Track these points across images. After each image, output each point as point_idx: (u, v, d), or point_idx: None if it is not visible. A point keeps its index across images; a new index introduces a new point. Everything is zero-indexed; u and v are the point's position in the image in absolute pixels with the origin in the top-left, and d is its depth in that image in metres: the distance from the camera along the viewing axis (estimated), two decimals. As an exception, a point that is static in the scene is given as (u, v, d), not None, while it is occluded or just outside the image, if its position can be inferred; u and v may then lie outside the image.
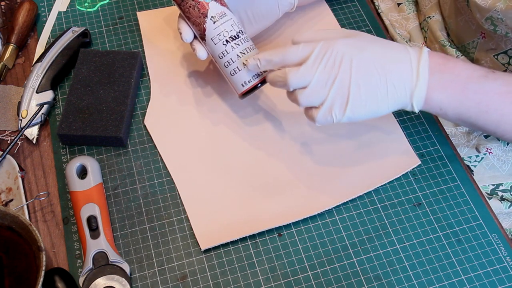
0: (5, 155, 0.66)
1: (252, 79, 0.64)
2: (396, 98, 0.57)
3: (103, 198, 0.64)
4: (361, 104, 0.57)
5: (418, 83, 0.57)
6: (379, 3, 0.87)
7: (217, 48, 0.64)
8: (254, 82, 0.64)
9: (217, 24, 0.63)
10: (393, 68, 0.57)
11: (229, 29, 0.64)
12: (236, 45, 0.63)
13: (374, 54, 0.57)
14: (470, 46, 0.75)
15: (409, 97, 0.58)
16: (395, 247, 0.62)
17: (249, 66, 0.62)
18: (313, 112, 0.59)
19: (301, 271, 0.61)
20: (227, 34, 0.63)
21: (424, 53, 0.58)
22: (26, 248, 0.58)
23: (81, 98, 0.70)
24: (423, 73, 0.57)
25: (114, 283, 0.58)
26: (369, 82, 0.57)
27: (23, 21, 0.78)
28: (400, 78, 0.57)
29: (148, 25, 0.80)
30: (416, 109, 0.58)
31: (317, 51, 0.57)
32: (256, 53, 0.64)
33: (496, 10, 0.65)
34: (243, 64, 0.63)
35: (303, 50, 0.58)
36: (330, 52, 0.56)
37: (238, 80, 0.64)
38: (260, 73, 0.64)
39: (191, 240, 0.63)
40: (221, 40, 0.64)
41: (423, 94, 0.57)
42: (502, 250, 0.62)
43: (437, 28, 0.79)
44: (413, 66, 0.57)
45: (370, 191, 0.66)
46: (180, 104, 0.73)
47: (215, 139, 0.70)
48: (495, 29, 0.68)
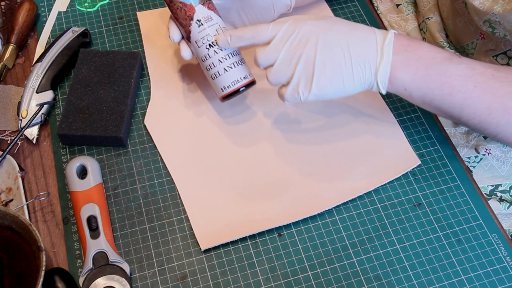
0: (5, 155, 0.66)
1: (231, 85, 0.65)
2: (362, 76, 0.59)
3: (103, 198, 0.64)
4: (326, 81, 0.59)
5: (382, 61, 0.58)
6: (378, 4, 0.87)
7: (201, 51, 0.65)
8: (233, 87, 0.65)
9: (202, 28, 0.64)
10: (358, 46, 0.58)
11: (213, 33, 0.64)
12: (218, 50, 0.64)
13: (339, 33, 0.59)
14: (469, 47, 0.75)
15: (373, 75, 0.59)
16: (395, 247, 0.62)
17: (219, 42, 0.63)
18: (282, 90, 0.61)
19: (301, 271, 0.61)
20: (210, 39, 0.64)
21: (390, 34, 0.59)
22: (26, 248, 0.58)
23: (81, 98, 0.70)
24: (387, 51, 0.58)
25: (114, 283, 0.58)
26: (334, 60, 0.58)
27: (23, 21, 0.78)
28: (364, 57, 0.58)
29: (148, 25, 0.80)
30: (381, 88, 0.59)
31: (284, 29, 0.59)
32: (239, 58, 0.65)
33: (493, 13, 0.65)
34: (224, 70, 0.64)
35: (272, 29, 0.60)
36: (298, 32, 0.59)
37: (218, 84, 0.66)
38: (240, 79, 0.65)
39: (191, 240, 0.63)
40: (204, 44, 0.65)
41: (387, 72, 0.58)
42: (502, 250, 0.62)
43: (436, 29, 0.79)
44: (378, 45, 0.58)
45: (370, 191, 0.66)
46: (180, 104, 0.73)
47: (215, 139, 0.70)
48: (493, 31, 0.68)
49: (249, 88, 0.66)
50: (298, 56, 0.58)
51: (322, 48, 0.58)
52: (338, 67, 0.58)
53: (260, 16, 0.71)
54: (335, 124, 0.71)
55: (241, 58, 0.66)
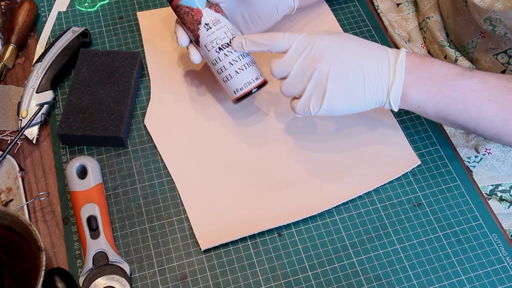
0: (5, 155, 0.66)
1: (244, 87, 0.65)
2: (373, 95, 0.59)
3: (103, 198, 0.64)
4: (338, 98, 0.59)
5: (394, 81, 0.58)
6: (379, 3, 0.87)
7: (210, 55, 0.65)
8: (246, 89, 0.65)
9: (210, 32, 0.64)
10: (371, 65, 0.59)
11: (222, 36, 0.64)
12: (228, 52, 0.64)
13: (353, 51, 0.59)
14: (469, 46, 0.75)
15: (385, 94, 0.59)
16: (395, 247, 0.62)
17: (234, 44, 0.63)
18: (294, 102, 0.62)
19: (301, 271, 0.61)
20: (220, 42, 0.64)
21: (402, 53, 0.59)
22: (26, 248, 0.58)
23: (81, 98, 0.70)
24: (399, 70, 0.58)
25: (114, 283, 0.58)
26: (347, 77, 0.58)
27: (23, 21, 0.78)
28: (377, 75, 0.58)
29: (148, 25, 0.80)
30: (393, 106, 0.60)
31: (298, 41, 0.59)
32: (250, 59, 0.65)
33: (494, 11, 0.65)
34: (236, 72, 0.64)
35: (288, 39, 0.60)
36: (312, 46, 0.59)
37: (231, 87, 0.65)
38: (252, 80, 0.65)
39: (191, 240, 0.63)
40: (214, 48, 0.64)
41: (399, 91, 0.59)
42: (502, 250, 0.62)
43: (436, 29, 0.79)
44: (390, 64, 0.59)
45: (370, 191, 0.66)
46: (180, 104, 0.73)
47: (215, 139, 0.70)
48: (494, 30, 0.68)
49: (261, 88, 0.66)
50: (312, 71, 0.59)
51: (335, 65, 0.58)
52: (350, 85, 0.59)
53: (264, 18, 0.71)
54: (335, 125, 0.71)
55: (252, 59, 0.66)
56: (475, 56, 0.74)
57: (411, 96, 0.59)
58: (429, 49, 0.82)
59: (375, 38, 0.80)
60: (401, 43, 0.82)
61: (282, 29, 0.80)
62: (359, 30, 0.81)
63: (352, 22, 0.82)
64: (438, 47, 0.79)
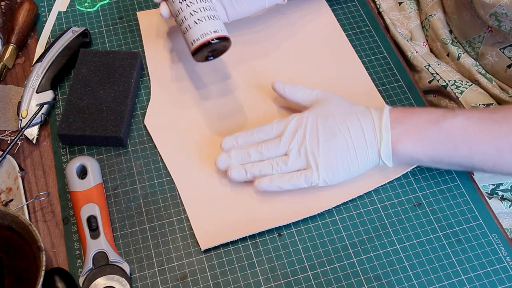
0: (5, 155, 0.66)
1: (200, 37, 0.65)
2: (366, 160, 0.62)
3: (103, 198, 0.64)
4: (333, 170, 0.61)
5: (382, 141, 0.61)
6: (380, 2, 0.87)
7: (174, 6, 0.67)
8: (202, 39, 0.64)
9: None
10: (358, 132, 0.61)
11: None
12: (190, 3, 0.65)
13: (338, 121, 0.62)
14: (476, 40, 0.74)
15: (376, 155, 0.61)
16: (395, 247, 0.62)
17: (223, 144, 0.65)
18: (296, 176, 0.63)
19: (301, 271, 0.61)
20: None
21: (385, 113, 0.61)
22: (26, 248, 0.58)
23: (81, 98, 0.70)
24: (385, 131, 0.61)
25: (114, 283, 0.58)
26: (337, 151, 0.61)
27: (23, 21, 0.78)
28: (364, 141, 0.61)
29: (148, 25, 0.80)
30: (387, 164, 0.62)
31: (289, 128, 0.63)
32: (211, 14, 0.66)
33: (500, 5, 0.65)
34: (195, 22, 0.65)
35: (276, 127, 0.64)
36: (301, 127, 0.62)
37: (189, 38, 0.66)
38: (210, 32, 0.65)
39: (191, 240, 0.63)
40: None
41: (389, 149, 0.61)
42: (502, 250, 0.62)
43: (439, 26, 0.79)
44: (375, 127, 0.61)
45: (370, 191, 0.66)
46: (180, 104, 0.73)
47: (215, 139, 0.70)
48: (500, 25, 0.68)
49: (223, 47, 0.66)
50: (304, 151, 0.61)
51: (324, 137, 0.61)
52: (342, 155, 0.61)
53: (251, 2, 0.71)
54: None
55: (215, 14, 0.66)
56: (481, 50, 0.74)
57: (401, 150, 0.61)
58: (432, 47, 0.82)
59: (375, 38, 0.80)
60: (403, 42, 0.81)
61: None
62: (359, 30, 0.81)
63: (352, 22, 0.82)
64: (441, 45, 0.79)
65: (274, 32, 0.79)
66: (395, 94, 0.74)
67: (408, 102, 0.73)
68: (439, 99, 0.79)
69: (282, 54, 0.78)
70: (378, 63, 0.77)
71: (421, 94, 0.75)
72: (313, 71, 0.76)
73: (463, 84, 0.75)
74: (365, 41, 0.80)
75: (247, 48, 0.77)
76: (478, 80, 0.75)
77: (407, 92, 0.74)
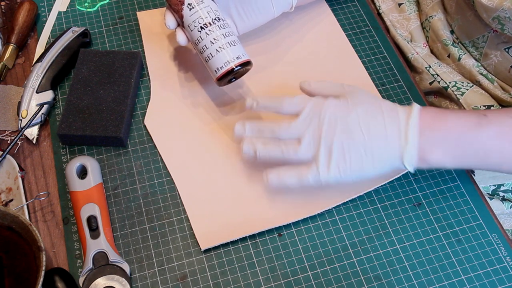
0: (5, 155, 0.66)
1: (224, 65, 0.65)
2: (384, 163, 0.58)
3: (103, 198, 0.64)
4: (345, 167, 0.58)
5: (407, 148, 0.57)
6: (380, 4, 0.87)
7: (193, 35, 0.66)
8: (226, 67, 0.65)
9: (193, 11, 0.65)
10: (378, 134, 0.57)
11: (205, 16, 0.65)
12: (210, 31, 0.65)
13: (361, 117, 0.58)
14: (480, 40, 0.74)
15: (398, 160, 0.58)
16: (395, 247, 0.62)
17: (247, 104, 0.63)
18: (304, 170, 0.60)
19: (301, 271, 0.61)
20: (202, 21, 0.65)
21: (414, 114, 0.57)
22: (26, 248, 0.58)
23: (81, 98, 0.70)
24: (412, 137, 0.57)
25: (114, 283, 0.58)
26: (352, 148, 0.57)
27: (23, 21, 0.78)
28: (386, 144, 0.57)
29: (148, 25, 0.80)
30: (409, 169, 0.58)
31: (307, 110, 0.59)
32: (232, 40, 0.65)
33: (503, 9, 0.64)
34: (216, 51, 0.65)
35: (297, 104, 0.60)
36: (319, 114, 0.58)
37: (212, 66, 0.66)
38: (233, 59, 0.65)
39: (191, 240, 0.63)
40: (196, 27, 0.65)
41: (413, 156, 0.57)
42: (502, 250, 0.62)
43: (440, 27, 0.79)
44: (401, 129, 0.57)
45: (370, 191, 0.66)
46: (180, 104, 0.73)
47: (215, 139, 0.70)
48: (503, 29, 0.68)
49: (245, 70, 0.67)
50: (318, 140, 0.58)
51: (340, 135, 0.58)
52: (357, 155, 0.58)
53: (259, 13, 0.71)
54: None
55: (235, 39, 0.66)
56: (485, 50, 0.74)
57: (430, 160, 0.58)
58: (432, 48, 0.82)
59: (375, 38, 0.80)
60: (403, 43, 0.81)
61: (279, 27, 0.80)
62: (359, 30, 0.81)
63: (352, 22, 0.82)
64: (442, 46, 0.79)
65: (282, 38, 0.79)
66: (395, 94, 0.74)
67: (408, 102, 0.73)
68: (440, 100, 0.79)
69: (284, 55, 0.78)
70: (378, 63, 0.77)
71: (421, 94, 0.75)
72: (313, 72, 0.76)
73: (464, 85, 0.75)
74: (365, 41, 0.80)
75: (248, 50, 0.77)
76: (479, 81, 0.75)
77: (407, 92, 0.74)
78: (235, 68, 0.65)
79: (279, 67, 0.76)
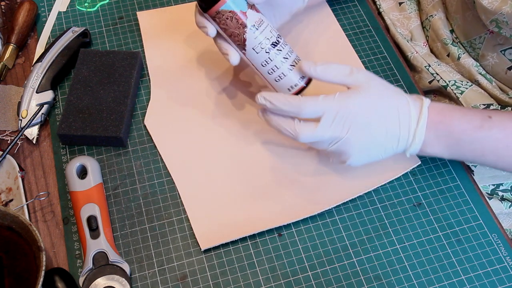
0: (5, 155, 0.66)
1: (298, 82, 0.63)
2: (391, 154, 0.61)
3: (103, 198, 0.64)
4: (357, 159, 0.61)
5: (413, 143, 0.60)
6: (381, 3, 0.87)
7: (260, 57, 0.62)
8: (300, 85, 0.63)
9: (257, 33, 0.61)
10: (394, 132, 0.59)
11: (269, 36, 0.62)
12: (278, 51, 0.62)
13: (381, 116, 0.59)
14: (477, 41, 0.74)
15: (402, 150, 0.61)
16: (395, 247, 0.62)
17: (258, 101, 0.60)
18: None
19: (301, 271, 0.61)
20: (269, 42, 0.62)
21: (423, 115, 0.59)
22: (26, 248, 0.58)
23: (81, 98, 0.70)
24: (419, 135, 0.59)
25: (114, 283, 0.58)
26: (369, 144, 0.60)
27: (23, 21, 0.78)
28: (397, 140, 0.60)
29: (148, 25, 0.80)
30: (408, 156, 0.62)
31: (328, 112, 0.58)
32: (296, 55, 0.63)
33: (502, 13, 0.65)
34: (289, 69, 0.62)
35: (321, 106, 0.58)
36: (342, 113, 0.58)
37: (284, 85, 0.63)
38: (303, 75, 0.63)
39: (191, 240, 0.63)
40: (263, 49, 0.62)
41: (416, 150, 0.61)
42: (502, 250, 0.62)
43: (440, 26, 0.79)
44: (411, 126, 0.59)
45: (370, 191, 0.66)
46: (180, 104, 0.73)
47: (215, 139, 0.70)
48: (500, 31, 0.68)
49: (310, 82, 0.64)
50: (338, 139, 0.59)
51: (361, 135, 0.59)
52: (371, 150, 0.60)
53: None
54: None
55: (297, 54, 0.64)
56: (482, 51, 0.74)
57: (429, 151, 0.61)
58: (432, 47, 0.82)
59: (375, 38, 0.80)
60: (403, 42, 0.81)
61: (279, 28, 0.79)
62: (359, 30, 0.81)
63: (352, 23, 0.82)
64: (441, 45, 0.79)
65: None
66: (395, 94, 0.74)
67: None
68: (439, 99, 0.79)
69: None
70: (378, 63, 0.77)
71: (421, 93, 0.75)
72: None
73: (463, 84, 0.75)
74: (365, 41, 0.80)
75: None
76: (478, 81, 0.75)
77: (407, 91, 0.74)
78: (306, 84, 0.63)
79: None
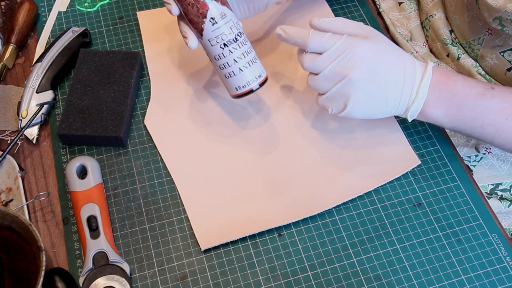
0: (5, 155, 0.66)
1: (246, 85, 0.63)
2: (392, 109, 0.61)
3: (103, 198, 0.64)
4: (359, 107, 0.61)
5: (415, 101, 0.60)
6: (380, 2, 0.87)
7: (214, 50, 0.63)
8: (248, 87, 0.64)
9: (216, 27, 0.61)
10: (399, 82, 0.60)
11: (228, 32, 0.62)
12: (233, 49, 0.62)
13: (387, 64, 0.60)
14: (475, 42, 0.74)
15: (404, 109, 0.61)
16: (395, 247, 0.62)
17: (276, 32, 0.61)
18: (317, 96, 0.63)
19: (301, 271, 0.61)
20: (225, 38, 0.62)
21: (428, 71, 0.60)
22: (26, 248, 0.58)
23: (81, 98, 0.70)
24: (422, 91, 0.60)
25: (114, 283, 0.58)
26: (373, 91, 0.60)
27: (23, 21, 0.78)
28: (400, 93, 0.60)
29: (148, 25, 0.80)
30: (409, 119, 0.62)
31: (336, 47, 0.59)
32: (252, 57, 0.64)
33: (506, 11, 0.65)
34: (239, 69, 0.63)
35: (327, 42, 0.59)
36: (348, 52, 0.59)
37: (232, 84, 0.64)
38: (255, 78, 0.63)
39: (191, 240, 0.63)
40: (218, 43, 0.62)
41: (418, 109, 0.61)
42: (502, 250, 0.62)
43: (440, 26, 0.79)
44: (415, 82, 0.60)
45: (370, 191, 0.66)
46: (180, 104, 0.73)
47: (215, 139, 0.70)
48: (503, 29, 0.68)
49: (262, 86, 0.64)
50: (341, 77, 0.59)
51: (366, 77, 0.59)
52: (374, 99, 0.60)
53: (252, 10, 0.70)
54: (335, 124, 0.71)
55: (255, 55, 0.64)
56: (481, 52, 0.74)
57: (429, 113, 0.61)
58: (432, 47, 0.82)
59: (375, 37, 0.80)
60: (403, 42, 0.81)
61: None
62: (359, 30, 0.81)
63: (352, 22, 0.82)
64: (441, 45, 0.79)
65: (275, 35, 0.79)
66: (395, 94, 0.74)
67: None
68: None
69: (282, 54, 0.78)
70: (378, 63, 0.77)
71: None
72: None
73: (463, 83, 0.75)
74: (365, 41, 0.80)
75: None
76: (478, 80, 0.75)
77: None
78: (255, 88, 0.64)
79: (279, 67, 0.76)
